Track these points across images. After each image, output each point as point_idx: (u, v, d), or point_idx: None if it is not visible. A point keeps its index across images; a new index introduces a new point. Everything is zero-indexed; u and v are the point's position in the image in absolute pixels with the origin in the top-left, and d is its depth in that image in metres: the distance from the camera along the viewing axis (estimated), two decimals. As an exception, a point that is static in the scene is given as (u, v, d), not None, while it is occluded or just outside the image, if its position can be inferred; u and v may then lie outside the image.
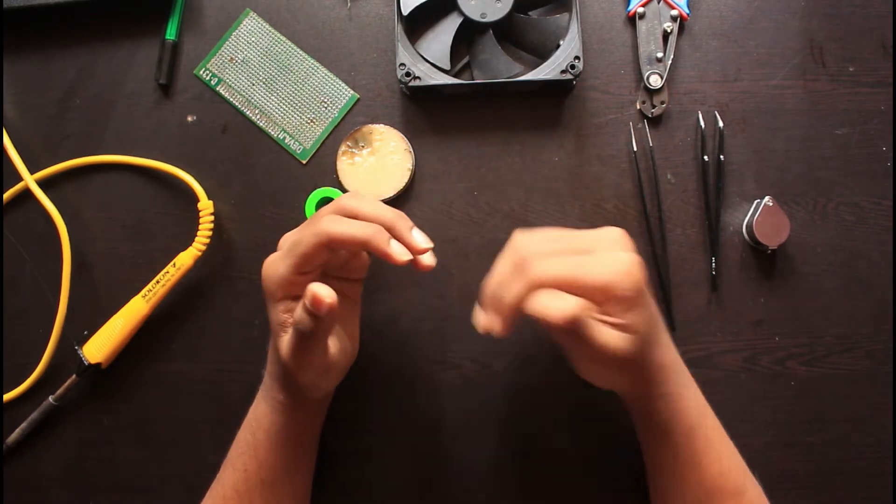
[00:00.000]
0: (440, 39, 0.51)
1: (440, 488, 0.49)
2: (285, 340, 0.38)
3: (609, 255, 0.36)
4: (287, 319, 0.38)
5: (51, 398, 0.49)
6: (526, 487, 0.49)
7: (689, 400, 0.41)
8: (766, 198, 0.49)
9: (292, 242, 0.38)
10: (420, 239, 0.38)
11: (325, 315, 0.34)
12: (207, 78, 0.53)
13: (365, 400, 0.48)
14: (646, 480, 0.46)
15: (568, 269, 0.35)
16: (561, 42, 0.50)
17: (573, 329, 0.35)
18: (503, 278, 0.36)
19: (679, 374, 0.41)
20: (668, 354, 0.40)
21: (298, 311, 0.35)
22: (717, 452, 0.41)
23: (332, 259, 0.41)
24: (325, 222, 0.37)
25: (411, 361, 0.50)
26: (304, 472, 0.46)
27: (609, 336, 0.36)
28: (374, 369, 0.44)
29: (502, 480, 0.49)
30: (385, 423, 0.50)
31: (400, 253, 0.37)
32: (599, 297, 0.35)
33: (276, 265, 0.38)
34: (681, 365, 0.42)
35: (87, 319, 0.50)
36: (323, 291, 0.34)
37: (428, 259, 0.39)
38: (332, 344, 0.40)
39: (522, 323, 0.50)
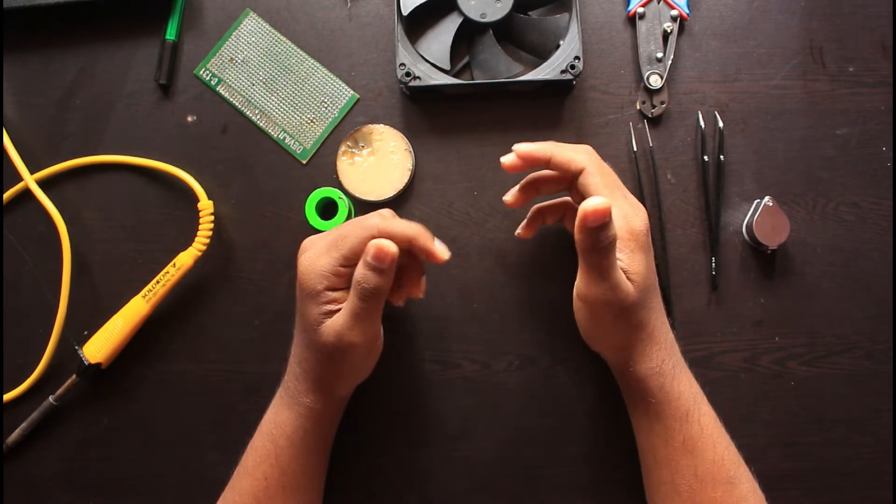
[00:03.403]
0: (440, 39, 0.51)
1: (440, 488, 0.49)
2: (338, 318, 0.39)
3: (629, 200, 0.42)
4: (332, 308, 0.40)
5: (51, 398, 0.49)
6: (526, 487, 0.49)
7: (683, 385, 0.42)
8: (766, 198, 0.49)
9: (337, 237, 0.40)
10: (442, 249, 0.41)
11: (388, 267, 0.38)
12: (207, 78, 0.53)
13: (365, 400, 0.48)
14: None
15: (607, 179, 0.42)
16: (561, 42, 0.50)
17: (594, 245, 0.37)
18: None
19: (674, 356, 0.42)
20: (664, 330, 0.42)
21: (360, 270, 0.38)
22: (712, 440, 0.41)
23: None
24: (374, 218, 0.40)
25: (411, 361, 0.50)
26: (322, 476, 0.46)
27: (619, 273, 0.39)
28: (375, 369, 0.44)
29: (502, 480, 0.49)
30: (385, 422, 0.50)
31: (442, 251, 0.41)
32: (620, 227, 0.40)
33: (318, 260, 0.40)
34: (677, 348, 0.43)
35: (87, 319, 0.50)
36: (386, 243, 0.37)
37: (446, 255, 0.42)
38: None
39: (522, 323, 0.50)
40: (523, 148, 0.43)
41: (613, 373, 0.46)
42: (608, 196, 0.41)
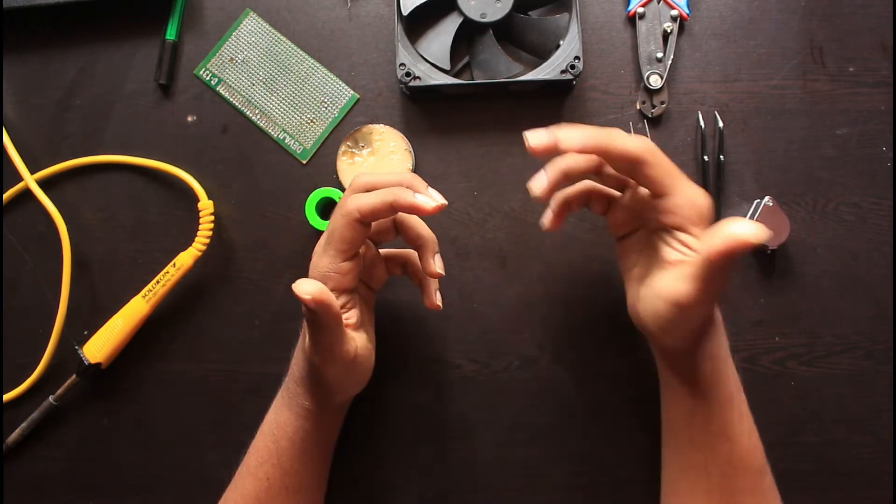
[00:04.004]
0: (440, 39, 0.51)
1: (439, 488, 0.49)
2: (307, 339, 0.39)
3: (691, 183, 0.38)
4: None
5: (51, 398, 0.49)
6: (526, 487, 0.49)
7: (730, 368, 0.41)
8: (766, 198, 0.49)
9: (326, 235, 0.39)
10: (435, 195, 0.39)
11: (318, 307, 0.35)
12: (207, 78, 0.53)
13: (364, 400, 0.48)
14: (648, 478, 0.45)
15: (668, 164, 0.38)
16: (561, 42, 0.50)
17: (724, 267, 0.34)
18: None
19: (725, 338, 0.41)
20: (718, 313, 0.41)
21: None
22: (748, 427, 0.41)
23: (374, 236, 0.43)
24: (349, 202, 0.38)
25: (411, 361, 0.50)
26: (324, 477, 0.46)
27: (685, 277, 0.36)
28: (374, 369, 0.44)
29: (502, 480, 0.49)
30: (384, 422, 0.50)
31: (426, 201, 0.38)
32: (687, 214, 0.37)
33: (319, 262, 0.40)
34: (725, 334, 0.41)
35: (87, 319, 0.50)
36: (307, 297, 0.35)
37: (434, 202, 0.39)
38: (358, 337, 0.41)
39: (522, 323, 0.50)
40: (565, 138, 0.37)
41: (659, 355, 0.43)
42: (672, 185, 0.37)
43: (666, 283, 0.38)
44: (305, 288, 0.35)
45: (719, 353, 0.40)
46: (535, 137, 0.37)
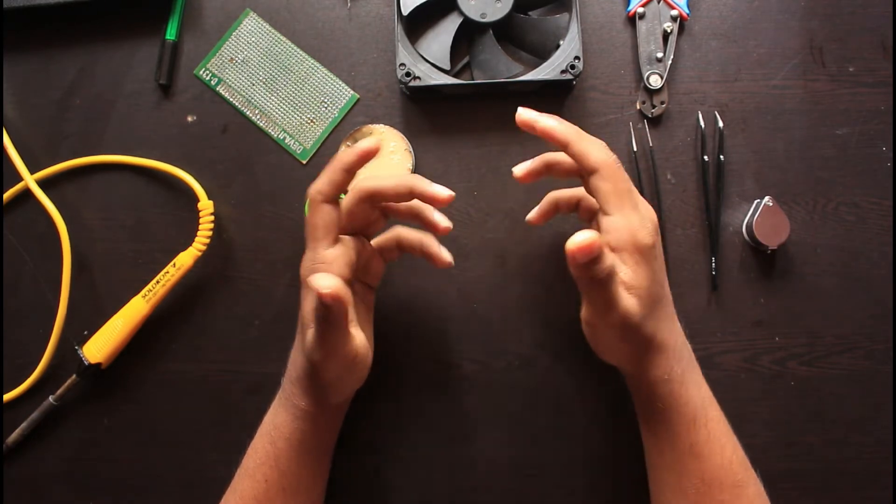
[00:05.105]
0: (440, 39, 0.51)
1: (439, 488, 0.49)
2: (308, 336, 0.38)
3: (638, 211, 0.39)
4: None
5: (51, 398, 0.49)
6: (526, 487, 0.49)
7: (692, 390, 0.41)
8: (766, 198, 0.49)
9: (306, 229, 0.40)
10: (441, 190, 0.41)
11: (333, 303, 0.35)
12: (207, 78, 0.53)
13: (364, 400, 0.48)
14: (647, 478, 0.45)
15: (626, 185, 0.39)
16: (561, 42, 0.50)
17: (590, 279, 0.37)
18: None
19: (684, 361, 0.41)
20: (673, 337, 0.41)
21: (307, 304, 0.38)
22: (720, 445, 0.41)
23: (369, 227, 0.43)
24: (363, 182, 0.40)
25: (411, 361, 0.50)
26: (324, 477, 0.46)
27: (621, 293, 0.38)
28: (374, 369, 0.44)
29: (502, 480, 0.49)
30: (384, 422, 0.50)
31: (441, 190, 0.40)
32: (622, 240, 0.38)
33: (305, 258, 0.40)
34: (688, 353, 0.42)
35: (87, 319, 0.50)
36: (325, 292, 0.35)
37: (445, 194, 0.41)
38: (358, 335, 0.40)
39: (522, 323, 0.50)
40: (541, 120, 0.40)
41: (625, 377, 0.45)
42: (616, 205, 0.38)
43: (581, 310, 0.41)
44: (323, 282, 0.34)
45: (672, 377, 0.40)
46: (525, 113, 0.41)
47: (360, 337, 0.41)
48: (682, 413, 0.40)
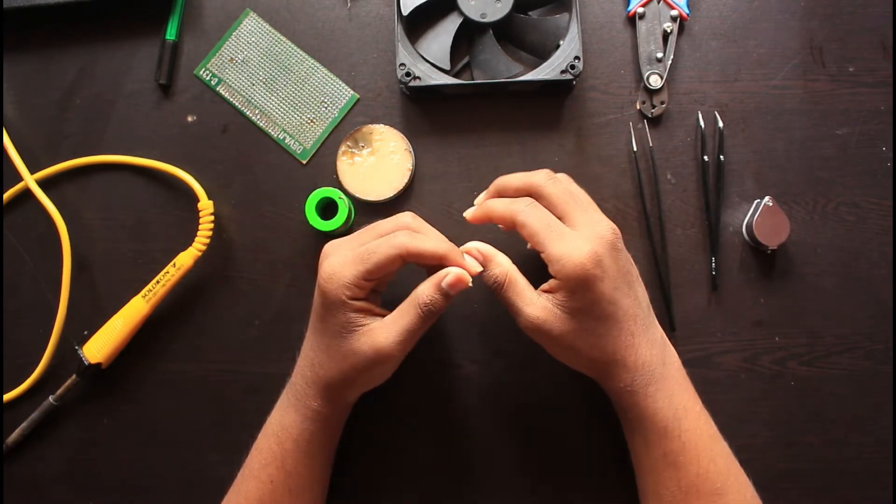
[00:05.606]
0: (440, 39, 0.51)
1: (439, 488, 0.49)
2: (381, 331, 0.40)
3: (580, 239, 0.39)
4: (359, 318, 0.40)
5: (51, 398, 0.49)
6: (526, 487, 0.49)
7: (660, 402, 0.41)
8: (766, 198, 0.49)
9: (363, 252, 0.40)
10: (472, 263, 0.42)
11: (456, 293, 0.40)
12: (207, 78, 0.53)
13: (363, 400, 0.48)
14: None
15: (537, 225, 0.40)
16: (561, 42, 0.50)
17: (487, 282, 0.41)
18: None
19: (645, 375, 0.41)
20: (634, 351, 0.40)
21: (429, 291, 0.39)
22: (695, 454, 0.40)
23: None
24: (402, 237, 0.40)
25: (411, 361, 0.50)
26: (327, 478, 0.46)
27: (520, 303, 0.41)
28: (374, 369, 0.45)
29: (502, 480, 0.49)
30: (385, 422, 0.50)
31: (474, 265, 0.41)
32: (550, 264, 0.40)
33: (343, 270, 0.40)
34: (648, 368, 0.41)
35: (87, 319, 0.50)
36: (466, 276, 0.40)
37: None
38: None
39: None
40: (478, 210, 0.45)
41: None
42: (545, 242, 0.40)
43: None
44: (466, 277, 0.40)
45: (634, 388, 0.41)
46: (470, 213, 0.45)
47: None
48: (652, 423, 0.41)
